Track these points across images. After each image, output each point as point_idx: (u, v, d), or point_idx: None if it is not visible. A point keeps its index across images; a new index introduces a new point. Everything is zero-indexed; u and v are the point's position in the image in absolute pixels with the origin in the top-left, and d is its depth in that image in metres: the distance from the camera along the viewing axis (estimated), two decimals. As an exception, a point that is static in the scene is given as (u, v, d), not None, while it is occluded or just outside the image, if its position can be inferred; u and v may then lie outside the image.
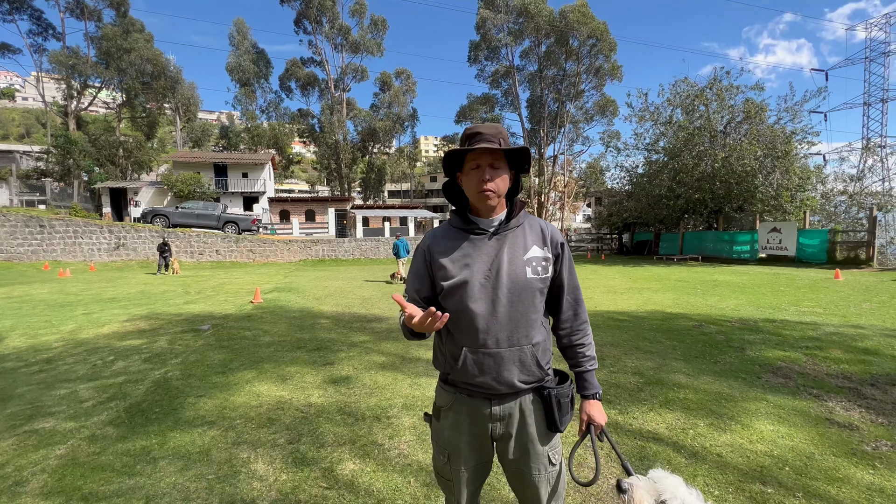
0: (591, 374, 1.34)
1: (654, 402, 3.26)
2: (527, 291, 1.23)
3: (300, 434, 2.85)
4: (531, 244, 1.28)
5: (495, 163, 1.22)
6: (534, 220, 1.34)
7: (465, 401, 1.27)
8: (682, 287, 9.81)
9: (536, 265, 1.25)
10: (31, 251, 16.35)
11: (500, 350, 1.21)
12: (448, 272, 1.25)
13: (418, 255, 1.34)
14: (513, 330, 1.22)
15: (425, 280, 1.31)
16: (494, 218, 1.29)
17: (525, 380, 1.24)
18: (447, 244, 1.29)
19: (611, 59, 35.37)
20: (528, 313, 1.24)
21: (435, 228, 1.37)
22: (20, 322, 6.51)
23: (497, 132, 1.23)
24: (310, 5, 35.64)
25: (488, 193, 1.22)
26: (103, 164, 29.89)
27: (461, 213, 1.31)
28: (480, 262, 1.24)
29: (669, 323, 6.00)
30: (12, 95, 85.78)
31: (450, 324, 1.28)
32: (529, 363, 1.23)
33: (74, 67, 30.61)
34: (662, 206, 19.67)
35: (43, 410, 3.33)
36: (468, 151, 1.21)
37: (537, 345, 1.25)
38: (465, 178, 1.26)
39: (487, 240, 1.27)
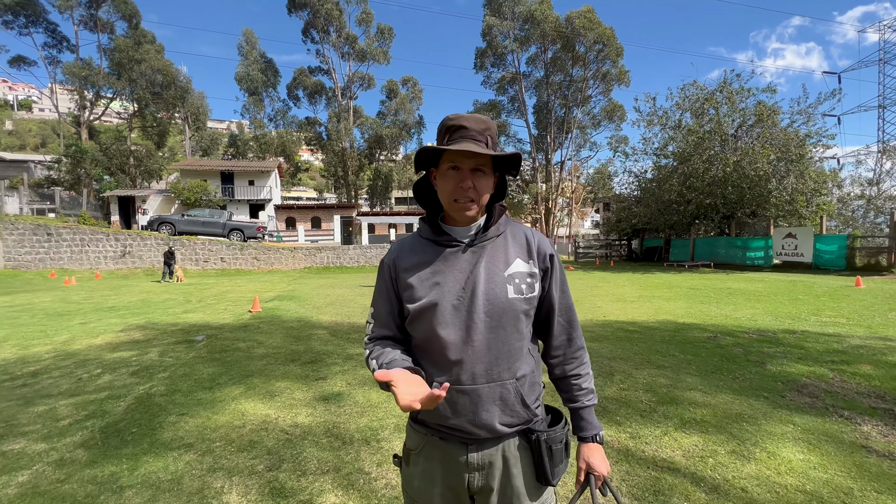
0: (589, 412, 1.10)
1: (668, 423, 2.98)
2: (508, 315, 1.00)
3: (281, 459, 2.62)
4: (514, 257, 1.05)
5: (480, 166, 0.99)
6: (517, 228, 1.11)
7: (438, 445, 1.03)
8: (694, 295, 9.46)
9: (520, 282, 1.02)
10: (39, 259, 16.46)
11: (476, 386, 0.98)
12: (415, 293, 1.02)
13: (383, 272, 1.10)
14: (492, 362, 0.99)
15: (394, 301, 1.08)
16: (471, 226, 1.06)
17: (508, 422, 1.00)
18: (415, 259, 1.06)
19: (618, 64, 35.17)
20: (511, 341, 1.01)
21: (402, 239, 1.13)
22: (15, 332, 6.40)
23: (484, 127, 1.00)
24: (317, 15, 36.03)
25: (468, 204, 0.99)
26: (114, 173, 30.31)
27: (431, 221, 1.09)
28: (452, 279, 1.01)
29: (682, 334, 5.69)
30: (30, 107, 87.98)
31: (419, 354, 1.06)
32: (513, 402, 1.00)
33: (87, 79, 31.20)
34: (672, 211, 19.29)
35: (16, 429, 3.15)
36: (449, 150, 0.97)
37: (522, 378, 1.02)
38: (441, 179, 1.02)
39: (461, 253, 1.04)
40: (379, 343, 1.09)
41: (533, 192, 38.90)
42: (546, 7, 34.01)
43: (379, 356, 1.03)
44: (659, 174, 20.84)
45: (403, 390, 0.83)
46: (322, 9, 35.35)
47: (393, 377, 0.85)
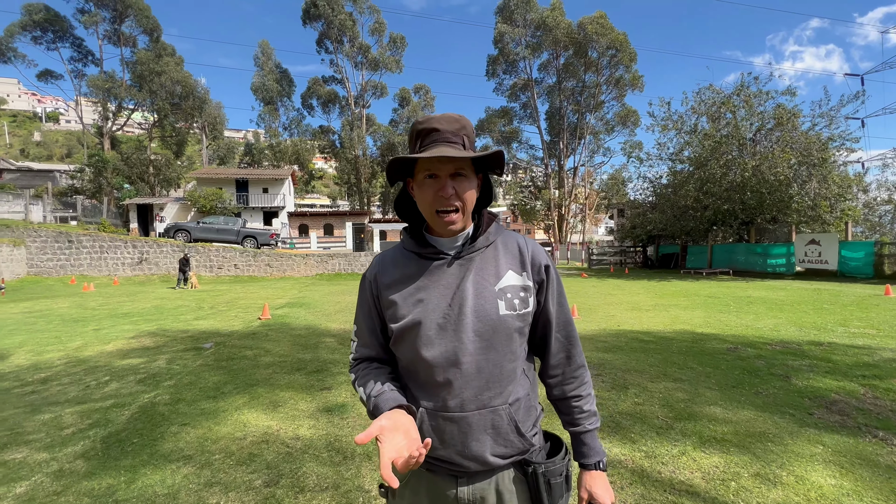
0: (591, 437, 1.00)
1: (686, 442, 2.82)
2: (500, 333, 0.91)
3: (280, 475, 2.54)
4: (505, 269, 0.95)
5: (460, 170, 0.90)
6: (509, 237, 1.01)
7: (425, 477, 0.94)
8: (713, 304, 9.16)
9: (512, 297, 0.93)
10: (60, 266, 16.90)
11: (465, 414, 0.89)
12: (397, 311, 0.93)
13: (364, 288, 1.02)
14: (482, 386, 0.90)
15: (376, 319, 1.00)
16: (458, 237, 0.97)
17: (501, 452, 0.90)
18: (397, 273, 0.97)
19: (631, 69, 34.88)
20: (503, 362, 0.92)
21: (384, 252, 1.05)
22: (31, 338, 6.51)
23: (459, 127, 0.91)
24: (331, 26, 36.66)
25: (451, 216, 0.90)
26: (134, 182, 31.12)
27: (414, 232, 1.00)
28: (438, 296, 0.92)
29: (701, 345, 5.47)
30: (57, 118, 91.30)
31: (405, 376, 0.98)
32: (506, 430, 0.90)
33: (110, 91, 32.23)
34: (689, 217, 18.87)
35: (21, 438, 3.14)
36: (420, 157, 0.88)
37: (516, 403, 0.93)
38: (419, 190, 0.93)
39: (447, 266, 0.95)
40: (364, 365, 1.01)
41: (545, 199, 38.62)
42: (558, 14, 34.00)
43: (366, 384, 0.95)
44: (674, 179, 20.45)
45: (387, 448, 0.77)
46: (336, 19, 35.96)
47: (380, 434, 0.78)
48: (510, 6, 35.28)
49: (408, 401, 0.93)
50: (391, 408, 0.85)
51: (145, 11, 33.32)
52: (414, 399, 0.93)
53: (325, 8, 35.54)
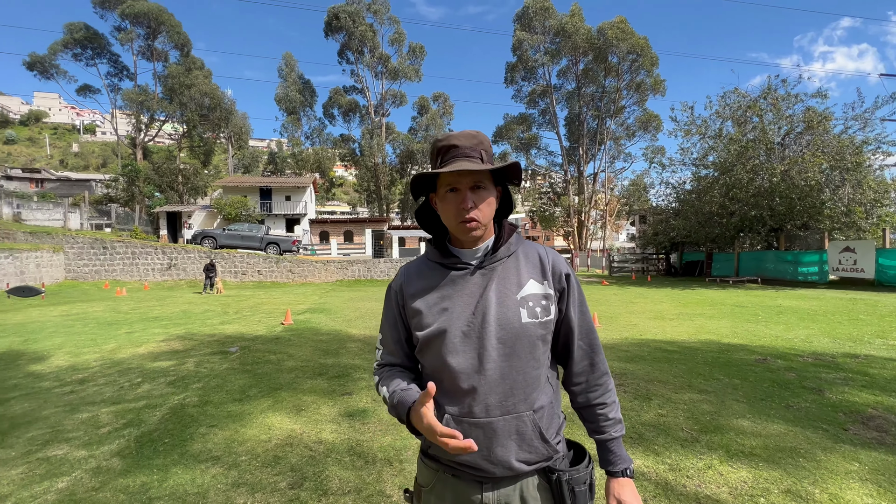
0: (617, 444, 1.01)
1: (712, 455, 2.75)
2: (523, 341, 0.94)
3: (304, 477, 2.60)
4: (526, 278, 0.99)
5: (479, 183, 0.95)
6: (530, 247, 1.05)
7: (450, 482, 0.96)
8: (740, 313, 8.88)
9: (534, 305, 0.96)
10: (95, 271, 17.67)
11: (490, 419, 0.92)
12: (423, 320, 0.98)
13: (390, 298, 1.07)
14: (507, 392, 0.93)
15: (402, 328, 1.05)
16: (479, 247, 1.01)
17: (526, 458, 0.93)
18: (422, 283, 1.02)
19: (653, 73, 34.42)
20: (527, 369, 0.94)
21: (409, 263, 1.10)
22: (69, 340, 6.83)
23: (477, 142, 0.97)
24: (352, 37, 37.49)
25: (472, 224, 0.95)
26: (164, 190, 32.34)
27: (438, 244, 1.05)
28: (461, 304, 0.96)
29: (727, 355, 5.32)
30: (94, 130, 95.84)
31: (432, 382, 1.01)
32: (531, 436, 0.93)
33: (143, 103, 33.71)
34: (714, 223, 18.38)
35: (61, 435, 3.31)
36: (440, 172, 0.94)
37: (541, 410, 0.95)
38: (442, 204, 0.98)
39: (470, 276, 0.99)
40: (388, 369, 1.06)
41: (565, 205, 38.26)
42: (577, 20, 33.91)
43: (389, 383, 1.00)
44: (699, 185, 19.98)
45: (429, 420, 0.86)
46: (356, 31, 36.77)
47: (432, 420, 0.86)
48: (529, 14, 35.39)
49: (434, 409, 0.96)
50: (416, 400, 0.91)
51: (176, 28, 34.83)
52: (439, 406, 0.96)
53: (347, 20, 36.40)
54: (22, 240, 16.94)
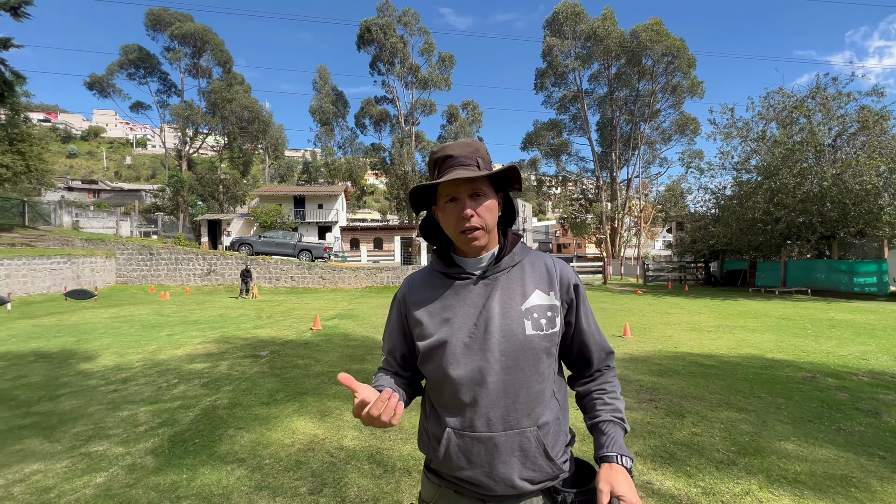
0: (612, 427, 0.93)
1: (751, 480, 2.56)
2: (526, 353, 0.91)
3: (324, 483, 2.63)
4: (531, 289, 0.96)
5: (477, 190, 0.93)
6: (536, 257, 1.03)
7: (453, 499, 0.94)
8: (786, 326, 8.33)
9: (539, 317, 0.93)
10: (142, 276, 18.77)
11: (492, 434, 0.89)
12: (425, 330, 0.96)
13: (394, 307, 1.07)
14: (509, 406, 0.90)
15: (401, 338, 1.04)
16: (483, 257, 0.99)
17: (530, 477, 0.89)
18: (425, 293, 1.01)
19: (690, 75, 33.27)
20: (530, 383, 0.92)
21: (414, 273, 1.10)
22: (115, 341, 7.25)
23: (472, 150, 0.96)
24: (383, 49, 38.39)
25: (474, 233, 0.93)
26: (206, 199, 34.06)
27: (442, 254, 1.04)
28: (463, 315, 0.95)
29: (771, 372, 4.98)
30: (145, 144, 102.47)
31: (433, 395, 1.00)
32: (534, 453, 0.90)
33: (189, 118, 35.77)
34: (758, 231, 17.39)
35: (102, 432, 3.50)
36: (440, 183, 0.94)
37: (545, 426, 0.92)
38: (443, 215, 0.98)
39: (473, 286, 0.97)
40: (383, 373, 1.06)
41: (597, 212, 37.34)
42: (609, 23, 33.32)
43: (377, 380, 1.02)
44: (740, 190, 19.00)
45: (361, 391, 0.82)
46: (387, 43, 37.64)
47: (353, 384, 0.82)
48: (559, 19, 35.09)
49: (432, 423, 0.97)
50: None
51: (220, 46, 36.86)
52: (439, 420, 0.95)
53: (378, 33, 37.35)
54: (79, 246, 18.25)
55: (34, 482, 2.71)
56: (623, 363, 5.45)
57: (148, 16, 35.44)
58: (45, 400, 4.33)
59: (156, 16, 35.45)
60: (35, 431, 3.53)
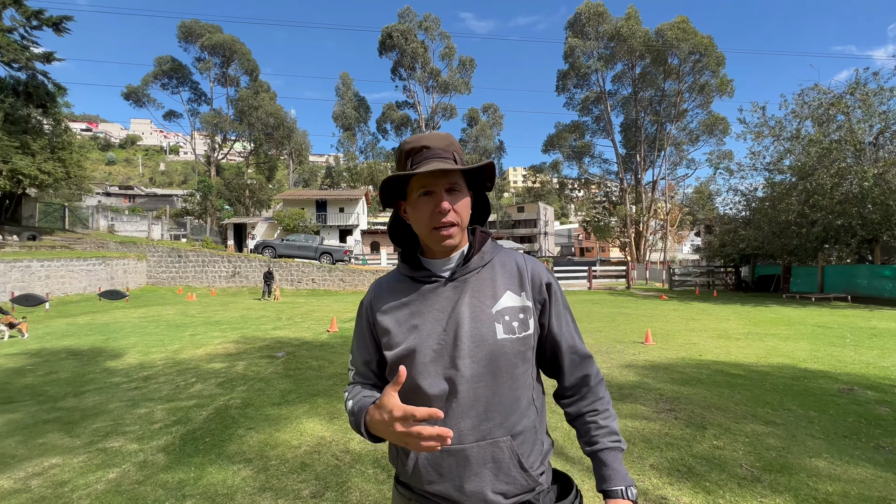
0: (612, 456, 0.88)
1: (776, 499, 2.39)
2: (499, 359, 0.86)
3: (327, 486, 2.60)
4: (502, 290, 0.90)
5: (454, 185, 0.87)
6: (507, 256, 0.97)
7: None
8: (822, 335, 7.87)
9: (511, 319, 0.88)
10: (171, 277, 19.46)
11: (463, 446, 0.83)
12: (392, 338, 0.90)
13: (361, 315, 0.99)
14: (481, 416, 0.84)
15: (374, 347, 0.96)
16: (451, 258, 0.93)
17: (503, 490, 0.83)
18: (391, 299, 0.94)
19: (718, 73, 32.26)
20: (503, 390, 0.86)
21: (381, 277, 1.03)
22: (141, 340, 7.50)
23: (448, 143, 0.90)
24: (405, 54, 38.84)
25: (449, 230, 0.87)
26: (233, 204, 35.12)
27: (408, 256, 0.97)
28: (432, 320, 0.89)
29: (804, 383, 4.69)
30: (177, 151, 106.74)
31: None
32: (508, 465, 0.83)
33: (217, 125, 37.06)
34: (792, 234, 16.58)
35: (120, 428, 3.59)
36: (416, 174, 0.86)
37: (520, 435, 0.86)
38: (413, 210, 0.90)
39: (441, 289, 0.91)
40: (360, 387, 0.98)
41: (621, 215, 36.56)
42: (633, 23, 32.69)
43: (356, 395, 0.92)
44: (773, 192, 18.18)
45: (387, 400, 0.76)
46: (409, 48, 38.05)
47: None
48: (581, 20, 34.67)
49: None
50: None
51: (247, 55, 38.11)
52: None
53: (399, 38, 37.80)
54: (113, 248, 19.09)
55: (51, 476, 2.79)
56: (643, 371, 5.25)
57: (180, 28, 36.99)
58: (71, 396, 4.49)
59: (188, 28, 36.96)
60: (58, 426, 3.66)
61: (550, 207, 62.25)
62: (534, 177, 45.52)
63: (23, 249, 15.41)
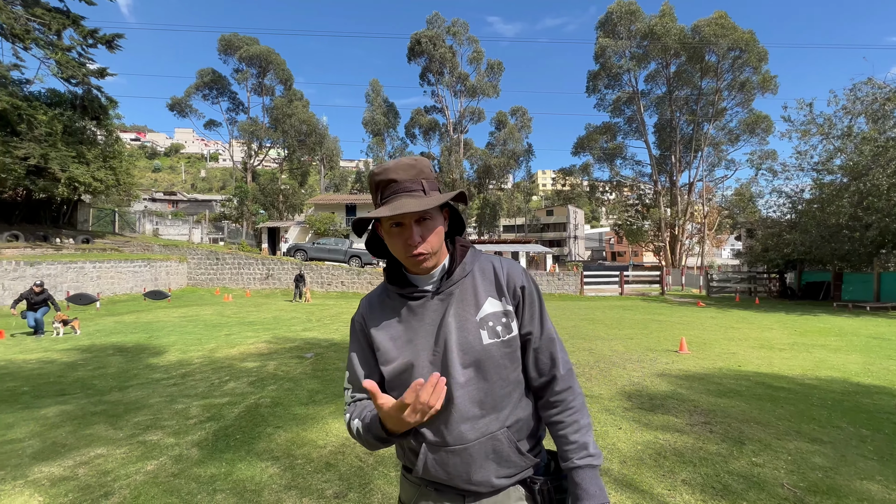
0: (582, 475, 0.89)
1: (823, 523, 2.23)
2: (487, 363, 0.91)
3: (350, 487, 2.63)
4: (484, 297, 0.95)
5: (424, 215, 0.90)
6: (485, 262, 1.00)
7: (433, 497, 0.95)
8: (878, 347, 7.31)
9: (494, 324, 0.93)
10: (209, 279, 20.35)
11: (466, 445, 0.89)
12: (388, 354, 0.94)
13: (355, 331, 1.02)
14: (478, 416, 0.90)
15: (373, 363, 0.98)
16: (434, 273, 0.97)
17: (506, 473, 0.91)
18: (383, 315, 0.98)
19: (761, 69, 30.75)
20: (495, 390, 0.92)
21: (371, 293, 1.06)
22: (180, 339, 7.87)
23: (416, 173, 0.92)
24: (433, 60, 39.16)
25: (423, 257, 0.91)
26: (267, 208, 36.41)
27: (394, 272, 1.00)
28: (424, 334, 0.94)
29: (855, 399, 4.37)
30: (217, 158, 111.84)
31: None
32: (507, 452, 0.91)
33: (253, 133, 38.57)
34: (843, 238, 15.51)
35: (159, 423, 3.77)
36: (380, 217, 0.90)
37: (516, 424, 0.93)
38: (388, 237, 0.93)
39: (429, 302, 0.95)
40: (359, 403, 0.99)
41: (655, 218, 35.37)
42: (667, 20, 31.67)
43: (360, 412, 0.94)
44: (821, 193, 17.10)
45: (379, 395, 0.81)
46: (437, 53, 38.36)
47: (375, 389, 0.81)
48: (612, 19, 33.90)
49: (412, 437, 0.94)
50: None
51: (282, 65, 39.52)
52: (414, 436, 0.93)
53: (428, 44, 38.19)
54: (157, 251, 20.17)
55: (96, 465, 2.96)
56: (677, 380, 5.04)
57: (220, 41, 38.81)
58: (116, 390, 4.77)
59: (227, 41, 38.74)
60: (104, 418, 3.88)
61: (580, 211, 61.00)
62: (563, 179, 44.77)
63: (77, 252, 16.54)
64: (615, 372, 5.47)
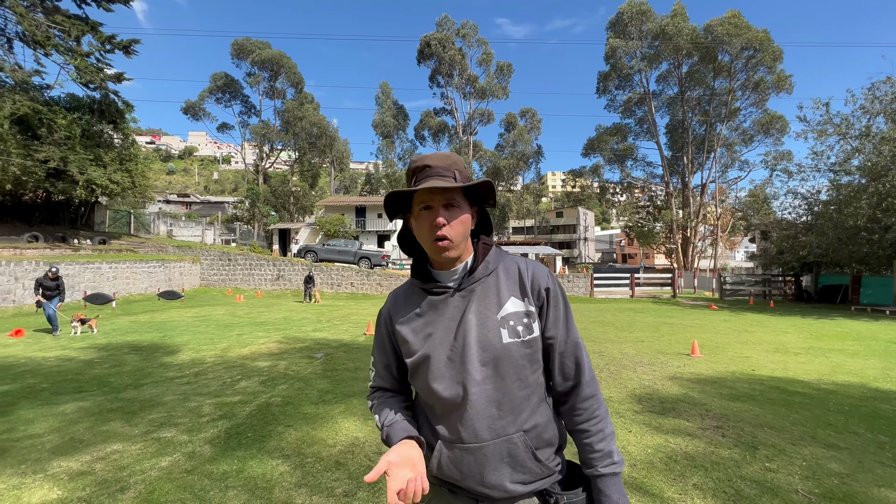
0: (608, 483, 0.90)
1: (839, 530, 2.19)
2: (506, 362, 0.91)
3: (359, 486, 2.66)
4: (507, 297, 0.96)
5: (451, 201, 0.93)
6: (510, 262, 1.01)
7: (446, 498, 0.96)
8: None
9: (515, 324, 0.93)
10: (221, 279, 20.65)
11: (480, 444, 0.89)
12: (410, 346, 0.97)
13: (380, 323, 1.07)
14: (494, 415, 0.90)
15: (393, 354, 1.04)
16: (456, 268, 0.99)
17: (522, 480, 0.90)
18: (407, 309, 1.01)
19: (775, 69, 30.25)
20: (513, 390, 0.91)
21: (397, 288, 1.10)
22: (194, 338, 7.99)
23: (450, 163, 0.96)
24: (442, 62, 39.31)
25: (445, 243, 0.92)
26: (278, 210, 36.82)
27: (420, 267, 1.03)
28: (443, 329, 0.95)
29: (873, 404, 4.27)
30: (229, 161, 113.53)
31: (424, 407, 1.00)
32: (523, 457, 0.90)
33: (265, 136, 39.07)
34: (862, 240, 15.17)
35: (173, 420, 3.84)
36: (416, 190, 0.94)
37: (533, 430, 0.92)
38: (416, 223, 0.97)
39: (450, 298, 0.97)
40: (380, 394, 1.07)
41: (667, 220, 34.94)
42: (680, 20, 31.34)
43: (381, 412, 1.00)
44: (839, 194, 16.75)
45: (394, 482, 0.80)
46: (446, 56, 38.49)
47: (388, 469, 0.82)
48: (623, 20, 33.66)
49: (425, 434, 0.97)
50: (401, 438, 0.89)
51: (293, 69, 40.01)
52: (432, 431, 0.95)
53: (437, 47, 38.33)
54: (171, 252, 20.53)
55: (113, 461, 3.03)
56: (688, 384, 4.98)
57: (233, 46, 39.42)
58: (131, 388, 4.86)
59: (240, 45, 39.34)
60: (119, 415, 3.97)
61: (591, 212, 60.57)
62: (573, 181, 44.50)
63: (94, 252, 16.91)
64: (626, 375, 5.42)
